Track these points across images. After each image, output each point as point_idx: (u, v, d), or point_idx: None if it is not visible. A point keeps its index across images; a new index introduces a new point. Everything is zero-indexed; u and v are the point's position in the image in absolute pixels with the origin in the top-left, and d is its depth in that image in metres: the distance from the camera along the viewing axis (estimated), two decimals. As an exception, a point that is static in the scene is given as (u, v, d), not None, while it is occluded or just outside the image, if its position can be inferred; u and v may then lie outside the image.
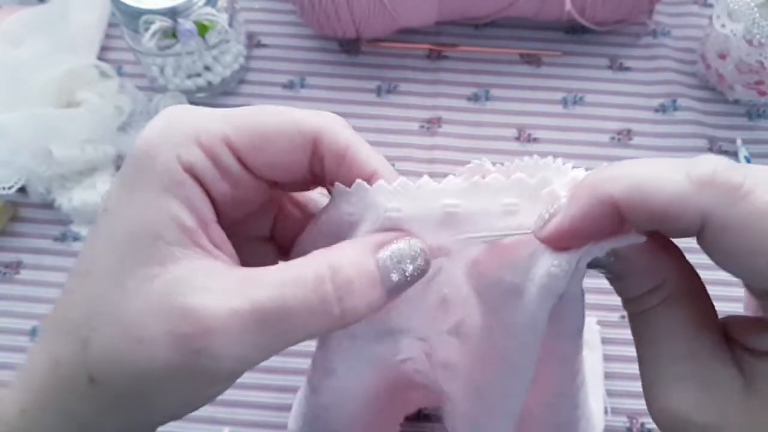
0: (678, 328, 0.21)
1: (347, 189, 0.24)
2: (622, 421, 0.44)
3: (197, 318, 0.20)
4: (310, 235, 0.26)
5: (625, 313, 0.23)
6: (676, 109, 0.55)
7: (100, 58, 0.56)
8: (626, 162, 0.20)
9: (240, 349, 0.21)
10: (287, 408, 0.41)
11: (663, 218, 0.19)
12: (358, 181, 0.24)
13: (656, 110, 0.55)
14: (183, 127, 0.23)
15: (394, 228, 0.23)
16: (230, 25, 0.51)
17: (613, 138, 0.54)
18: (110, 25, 0.58)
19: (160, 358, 0.20)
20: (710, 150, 0.53)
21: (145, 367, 0.21)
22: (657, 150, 0.53)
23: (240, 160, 0.23)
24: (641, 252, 0.21)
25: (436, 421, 0.43)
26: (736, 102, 0.55)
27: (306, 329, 0.21)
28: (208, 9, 0.49)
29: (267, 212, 0.28)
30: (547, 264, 0.21)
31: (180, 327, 0.20)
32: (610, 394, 0.44)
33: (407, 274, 0.23)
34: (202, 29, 0.49)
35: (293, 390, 0.42)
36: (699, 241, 0.19)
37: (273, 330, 0.21)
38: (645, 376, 0.22)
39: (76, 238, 0.50)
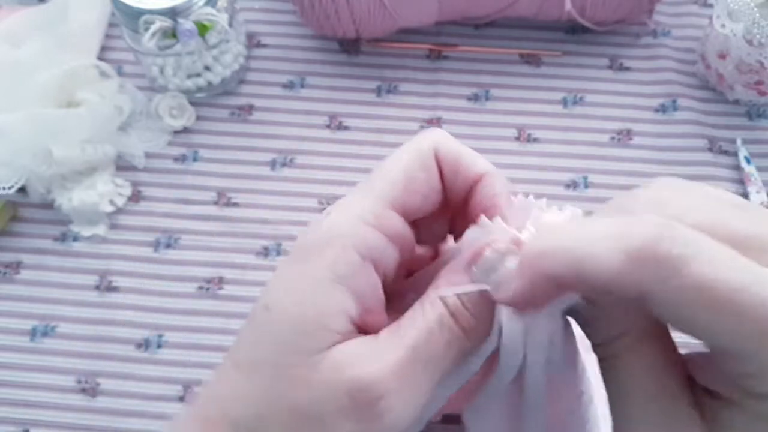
0: (642, 373, 0.22)
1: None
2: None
3: (368, 384, 0.21)
4: (426, 274, 0.27)
5: None
6: (676, 109, 0.55)
7: (100, 58, 0.56)
8: (566, 228, 0.22)
9: (408, 396, 0.22)
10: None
11: (602, 293, 0.20)
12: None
13: (656, 110, 0.55)
14: (348, 217, 0.24)
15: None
16: (230, 25, 0.52)
17: (613, 138, 0.54)
18: (110, 25, 0.58)
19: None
20: (710, 150, 0.53)
21: None
22: (657, 150, 0.53)
23: (400, 213, 0.24)
24: (606, 301, 0.22)
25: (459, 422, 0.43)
26: (736, 102, 0.55)
27: (448, 361, 0.23)
28: (208, 9, 0.49)
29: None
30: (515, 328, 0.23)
31: (356, 399, 0.21)
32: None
33: (496, 279, 0.23)
34: (202, 29, 0.49)
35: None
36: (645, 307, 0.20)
37: (427, 369, 0.22)
38: (613, 418, 0.22)
39: (76, 238, 0.50)
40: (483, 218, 0.24)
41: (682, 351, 0.22)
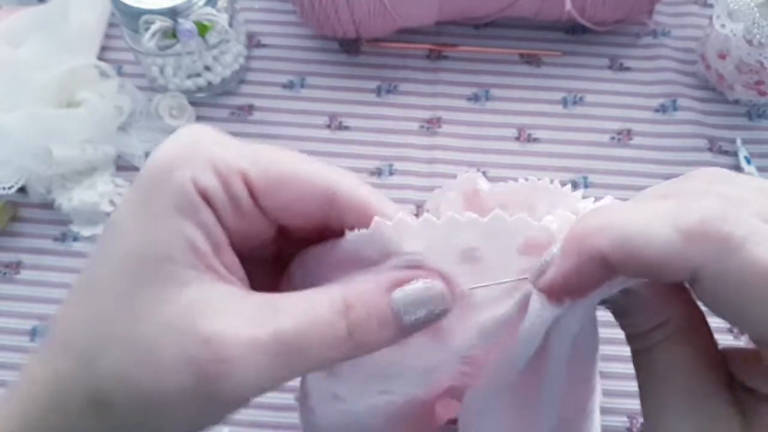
0: (680, 366, 0.21)
1: (366, 232, 0.23)
2: (622, 421, 0.44)
3: (217, 344, 0.20)
4: (317, 258, 0.25)
5: None
6: (676, 109, 0.55)
7: (100, 58, 0.56)
8: (613, 208, 0.21)
9: (256, 378, 0.21)
10: (287, 408, 0.41)
11: (652, 272, 0.19)
12: (376, 219, 0.23)
13: (656, 110, 0.55)
14: (201, 151, 0.22)
15: (415, 266, 0.23)
16: (230, 25, 0.52)
17: (613, 138, 0.54)
18: (110, 25, 0.58)
19: (173, 382, 0.20)
20: (710, 150, 0.53)
21: (157, 391, 0.20)
22: (657, 150, 0.53)
23: (253, 197, 0.23)
24: (648, 289, 0.21)
25: None
26: (736, 102, 0.55)
27: (320, 361, 0.22)
28: (208, 9, 0.49)
29: (273, 243, 0.27)
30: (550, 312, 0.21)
31: (198, 352, 0.20)
32: (608, 394, 0.44)
33: (420, 318, 0.22)
34: (202, 29, 0.49)
35: (293, 390, 0.42)
36: (692, 290, 0.19)
37: (290, 360, 0.21)
38: (646, 411, 0.22)
39: (76, 238, 0.50)
40: (378, 221, 0.23)
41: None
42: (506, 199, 0.26)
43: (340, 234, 0.24)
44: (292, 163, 0.23)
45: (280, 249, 0.27)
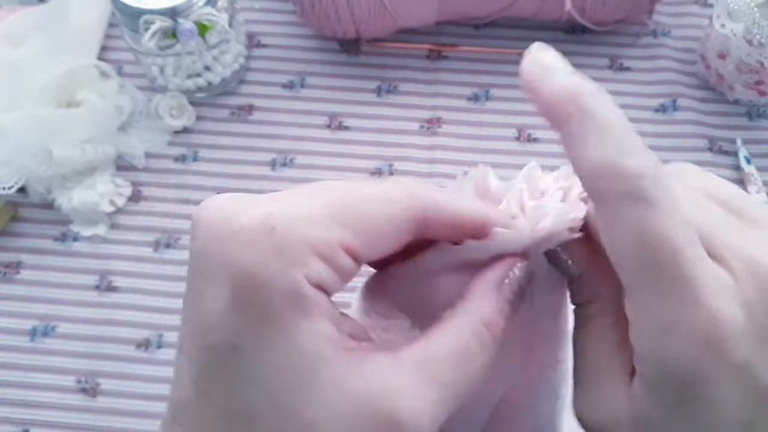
0: (595, 342, 0.23)
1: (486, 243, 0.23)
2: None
3: (400, 422, 0.20)
4: (407, 275, 0.25)
5: None
6: (676, 109, 0.55)
7: (100, 58, 0.56)
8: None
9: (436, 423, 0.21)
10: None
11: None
12: (496, 230, 0.23)
13: (656, 110, 0.55)
14: (298, 242, 0.20)
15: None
16: (230, 25, 0.52)
17: (613, 138, 0.54)
18: (110, 25, 0.58)
19: None
20: (710, 150, 0.53)
21: None
22: (657, 150, 0.53)
23: (353, 257, 0.21)
24: (584, 263, 0.22)
25: None
26: (736, 102, 0.55)
27: (477, 379, 0.22)
28: (208, 9, 0.49)
29: None
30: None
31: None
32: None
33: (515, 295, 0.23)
34: (202, 29, 0.49)
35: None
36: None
37: (457, 399, 0.21)
38: (574, 375, 0.23)
39: (76, 238, 0.50)
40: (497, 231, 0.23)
41: None
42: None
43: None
44: (377, 205, 0.21)
45: None
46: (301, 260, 0.19)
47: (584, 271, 0.23)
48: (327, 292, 0.20)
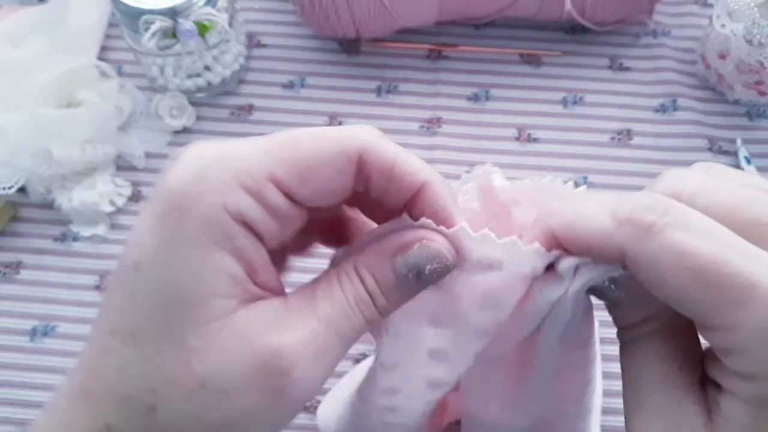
0: (658, 359, 0.22)
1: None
2: (622, 421, 0.44)
3: (280, 353, 0.20)
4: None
5: None
6: (676, 109, 0.55)
7: (100, 58, 0.56)
8: (574, 198, 0.25)
9: (319, 368, 0.21)
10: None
11: (589, 250, 0.22)
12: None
13: (656, 110, 0.55)
14: (222, 171, 0.21)
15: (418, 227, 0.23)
16: (230, 25, 0.52)
17: (613, 138, 0.54)
18: (110, 25, 0.58)
19: (247, 403, 0.20)
20: (710, 150, 0.53)
21: (230, 417, 0.20)
22: (657, 150, 0.53)
23: (286, 195, 0.22)
24: (637, 283, 0.22)
25: None
26: (736, 102, 0.55)
27: (358, 329, 0.23)
28: (208, 9, 0.49)
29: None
30: (550, 294, 0.23)
31: (267, 368, 0.20)
32: (608, 394, 0.44)
33: (423, 277, 0.23)
34: (202, 29, 0.49)
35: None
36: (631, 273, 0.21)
37: (338, 340, 0.22)
38: (625, 401, 0.23)
39: (76, 238, 0.50)
40: (405, 216, 0.24)
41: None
42: (518, 196, 0.27)
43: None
44: (316, 144, 0.22)
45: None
46: (220, 188, 0.20)
47: (625, 294, 0.23)
48: (254, 230, 0.21)
